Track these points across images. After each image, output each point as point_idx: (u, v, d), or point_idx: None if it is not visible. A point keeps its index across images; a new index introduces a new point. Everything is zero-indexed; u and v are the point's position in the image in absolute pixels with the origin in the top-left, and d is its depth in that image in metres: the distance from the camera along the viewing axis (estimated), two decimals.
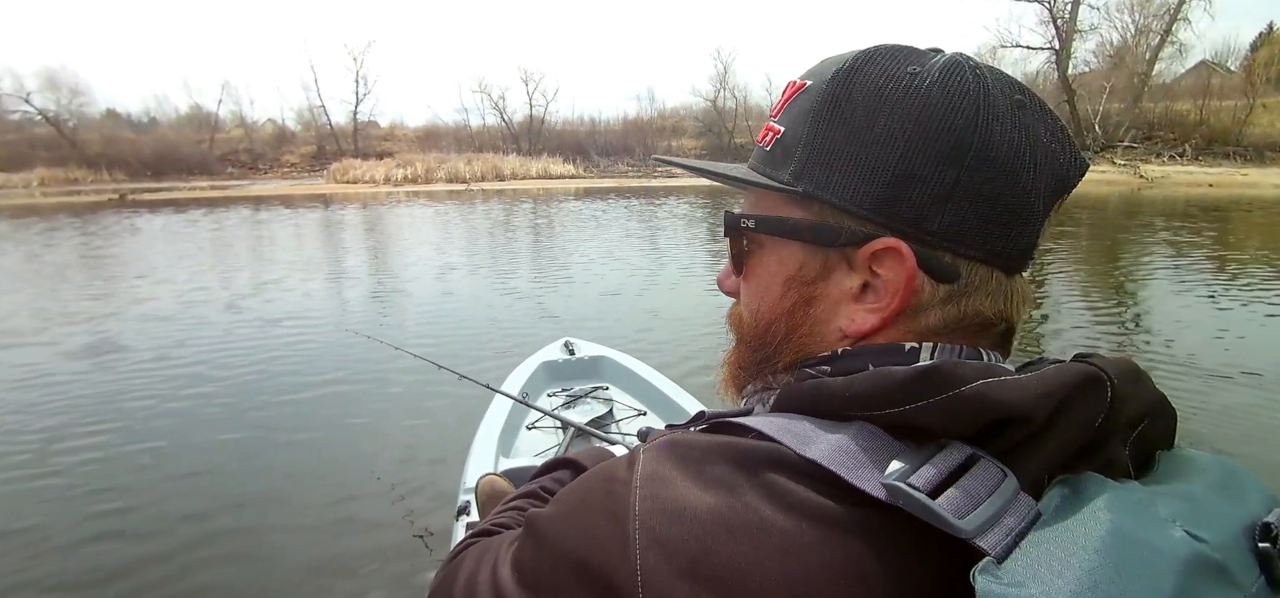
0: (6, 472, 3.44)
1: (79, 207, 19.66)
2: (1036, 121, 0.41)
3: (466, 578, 0.44)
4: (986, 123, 0.39)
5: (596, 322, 6.16)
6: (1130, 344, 5.48)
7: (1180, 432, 0.43)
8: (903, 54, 0.42)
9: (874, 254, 0.41)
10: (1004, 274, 0.42)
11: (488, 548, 0.45)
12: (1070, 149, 0.42)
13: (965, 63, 0.41)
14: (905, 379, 0.35)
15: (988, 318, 0.42)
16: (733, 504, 0.33)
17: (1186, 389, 4.22)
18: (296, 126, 40.33)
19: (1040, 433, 0.34)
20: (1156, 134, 27.96)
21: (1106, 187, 21.72)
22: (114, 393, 4.51)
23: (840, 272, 0.43)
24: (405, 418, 3.98)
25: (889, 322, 0.42)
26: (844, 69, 0.42)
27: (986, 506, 0.31)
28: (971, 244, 0.41)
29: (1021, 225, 0.41)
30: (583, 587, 0.35)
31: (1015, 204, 0.40)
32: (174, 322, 6.27)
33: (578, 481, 0.41)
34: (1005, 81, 0.41)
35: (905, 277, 0.40)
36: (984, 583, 0.29)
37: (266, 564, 2.67)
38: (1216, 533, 0.32)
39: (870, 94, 0.41)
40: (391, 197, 22.31)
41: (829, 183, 0.42)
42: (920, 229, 0.40)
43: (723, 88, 37.29)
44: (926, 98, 0.39)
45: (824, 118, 0.42)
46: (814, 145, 0.42)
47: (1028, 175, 0.40)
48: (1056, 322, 6.08)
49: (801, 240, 0.44)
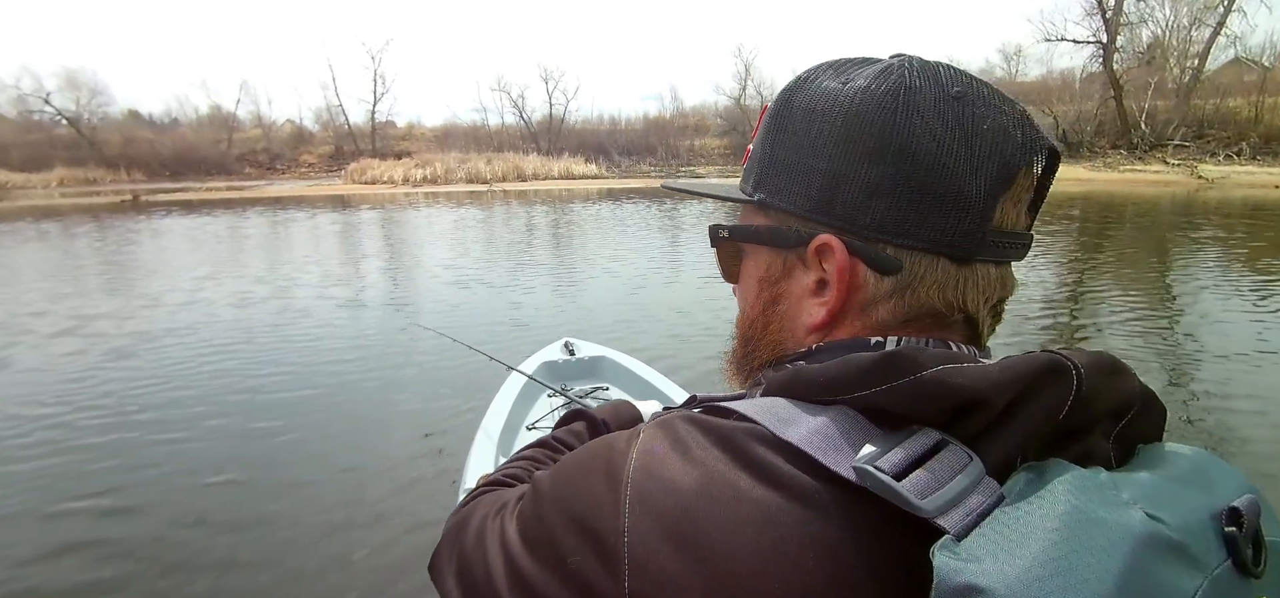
0: (73, 453, 3.73)
1: (89, 209, 19.36)
2: (974, 111, 0.42)
3: (479, 525, 0.48)
4: (907, 118, 0.41)
5: (635, 326, 5.99)
6: (1171, 349, 5.25)
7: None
8: (844, 65, 0.46)
9: (817, 251, 0.45)
10: (952, 262, 0.44)
11: (498, 500, 0.49)
12: (1020, 135, 0.43)
13: (897, 65, 0.44)
14: (871, 364, 0.38)
15: (938, 309, 0.44)
16: (714, 478, 0.36)
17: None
18: (314, 127, 40.05)
19: (1003, 419, 0.36)
20: (1208, 132, 26.46)
21: (1162, 187, 20.43)
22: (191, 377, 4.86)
23: (798, 270, 0.47)
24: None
25: (836, 312, 0.45)
26: (789, 85, 0.48)
27: (950, 487, 0.33)
28: (908, 235, 0.43)
29: (957, 212, 0.42)
30: (577, 540, 0.38)
31: (946, 193, 0.42)
32: (174, 323, 6.09)
33: (583, 447, 0.45)
34: (947, 76, 0.43)
35: (838, 268, 0.44)
36: (941, 559, 0.30)
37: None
38: (1178, 516, 0.33)
39: (806, 106, 0.45)
40: (409, 199, 21.72)
41: (778, 190, 0.47)
42: (854, 224, 0.43)
43: (747, 84, 36.26)
44: (851, 102, 0.43)
45: (772, 132, 0.48)
46: (766, 158, 0.48)
47: (957, 164, 0.41)
48: (1096, 322, 5.98)
49: (764, 244, 0.49)
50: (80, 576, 2.65)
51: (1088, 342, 5.45)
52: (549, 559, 0.40)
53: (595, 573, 0.37)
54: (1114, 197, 18.14)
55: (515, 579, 0.41)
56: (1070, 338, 5.67)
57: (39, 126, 34.16)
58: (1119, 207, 15.85)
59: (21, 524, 3.02)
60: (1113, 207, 15.89)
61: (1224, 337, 5.39)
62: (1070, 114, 28.76)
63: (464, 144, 35.33)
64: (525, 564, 0.41)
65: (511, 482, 0.57)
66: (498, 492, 0.52)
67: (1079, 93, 29.55)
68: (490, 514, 0.47)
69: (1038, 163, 0.44)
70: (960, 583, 0.29)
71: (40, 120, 34.36)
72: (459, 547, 0.49)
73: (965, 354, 0.43)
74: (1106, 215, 14.39)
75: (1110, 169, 24.89)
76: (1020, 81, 35.00)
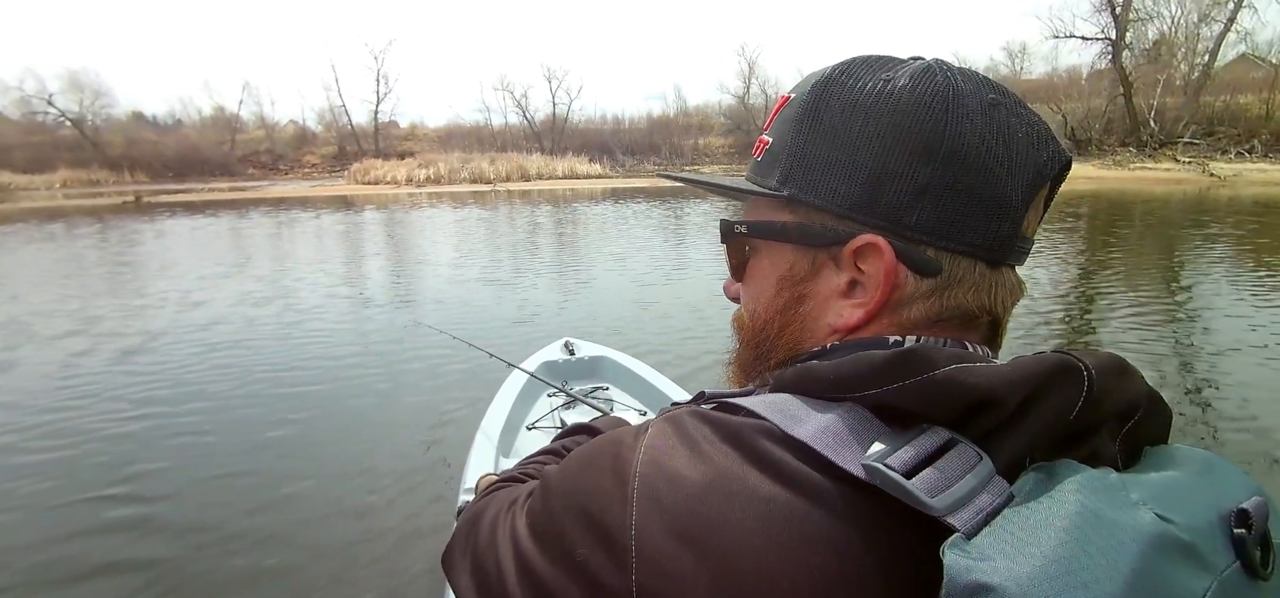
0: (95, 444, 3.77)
1: (92, 210, 19.25)
2: (1011, 118, 0.43)
3: (491, 519, 0.48)
4: (957, 121, 0.41)
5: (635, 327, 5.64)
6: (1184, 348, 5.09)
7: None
8: (878, 63, 0.45)
9: (856, 251, 0.44)
10: (987, 266, 0.44)
11: (510, 496, 0.49)
12: (1049, 144, 0.44)
13: (938, 67, 0.43)
14: (884, 362, 0.37)
15: (971, 310, 0.44)
16: (722, 473, 0.36)
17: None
18: (317, 127, 40.01)
19: (1015, 418, 0.36)
20: (1218, 129, 26.16)
21: (1173, 185, 20.17)
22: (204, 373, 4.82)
23: (828, 270, 0.46)
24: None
25: (873, 314, 0.44)
26: (822, 79, 0.46)
27: (959, 486, 0.33)
28: (950, 237, 0.42)
29: (998, 217, 0.42)
30: (586, 535, 0.38)
31: (990, 196, 0.42)
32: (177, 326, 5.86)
33: (590, 443, 0.44)
34: (979, 82, 0.43)
35: (885, 270, 0.43)
36: (952, 557, 0.30)
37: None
38: (1187, 517, 0.32)
39: (847, 101, 0.44)
40: (413, 199, 21.58)
41: (812, 186, 0.45)
42: (898, 224, 0.42)
43: (751, 82, 36.05)
44: (898, 101, 0.42)
45: (805, 126, 0.45)
46: (797, 152, 0.46)
47: (1001, 168, 0.42)
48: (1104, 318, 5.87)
49: (790, 242, 0.47)
50: (101, 559, 2.73)
51: (1097, 340, 5.36)
52: (557, 554, 0.39)
53: (603, 567, 0.36)
54: (1124, 195, 17.92)
55: (525, 573, 0.41)
56: (1074, 338, 5.56)
57: (42, 128, 34.14)
58: (1129, 204, 15.62)
59: (21, 523, 3.06)
60: (1123, 205, 15.68)
61: (1233, 334, 5.25)
62: (1078, 111, 28.48)
63: (467, 144, 35.21)
64: (534, 558, 0.40)
65: (524, 478, 0.56)
66: (510, 488, 0.52)
67: (1087, 90, 29.24)
68: (502, 510, 0.47)
69: (1054, 169, 0.44)
70: (971, 581, 0.29)
71: (44, 122, 34.33)
72: (472, 542, 0.48)
73: (978, 354, 0.43)
74: (1116, 213, 14.18)
75: (1120, 167, 24.63)
76: (1025, 80, 34.75)
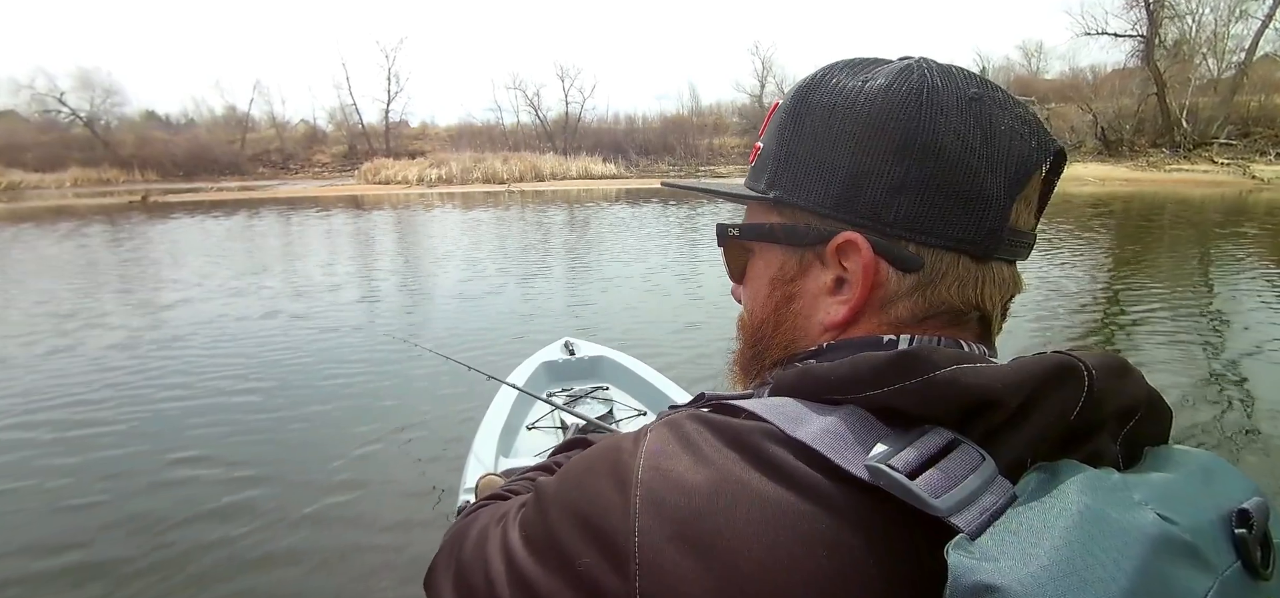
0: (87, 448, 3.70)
1: (102, 208, 18.97)
2: (994, 111, 0.43)
3: (478, 534, 0.46)
4: (931, 117, 0.42)
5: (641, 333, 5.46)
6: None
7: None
8: (860, 64, 0.46)
9: (838, 248, 0.44)
10: (973, 260, 0.44)
11: (498, 510, 0.48)
12: (1036, 135, 0.44)
13: (917, 65, 0.44)
14: (884, 363, 0.38)
15: (956, 306, 0.44)
16: (725, 477, 0.36)
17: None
18: (328, 126, 39.65)
19: (1016, 418, 0.36)
20: (1254, 130, 25.22)
21: (1211, 188, 19.34)
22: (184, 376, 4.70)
23: (815, 269, 0.47)
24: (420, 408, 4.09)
25: (858, 309, 0.45)
26: (805, 83, 0.47)
27: (963, 486, 0.33)
28: (930, 231, 0.43)
29: (980, 210, 0.43)
30: (585, 543, 0.37)
31: (969, 191, 0.42)
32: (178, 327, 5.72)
33: (586, 451, 0.43)
34: (960, 78, 0.44)
35: (864, 266, 0.43)
36: (956, 557, 0.30)
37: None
38: (1189, 517, 0.33)
39: (826, 103, 0.45)
40: (424, 199, 21.12)
41: (795, 187, 0.46)
42: (878, 221, 0.43)
43: (766, 80, 35.38)
44: (873, 100, 0.43)
45: (789, 130, 0.47)
46: (783, 155, 0.47)
47: (979, 162, 0.42)
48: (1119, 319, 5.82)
49: (778, 242, 0.48)
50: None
51: (1105, 342, 5.29)
52: (555, 562, 0.39)
53: (604, 575, 0.36)
54: (1166, 196, 17.16)
55: (519, 584, 0.40)
56: (1081, 339, 5.48)
57: (54, 127, 34.02)
58: (1188, 208, 14.88)
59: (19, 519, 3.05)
60: (1155, 207, 14.95)
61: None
62: (1108, 111, 27.59)
63: (479, 143, 34.72)
64: (529, 569, 0.39)
65: (510, 495, 0.55)
66: (496, 505, 0.50)
67: (1117, 89, 28.28)
68: (491, 523, 0.46)
69: (1046, 163, 0.44)
70: (976, 581, 0.29)
71: (56, 121, 34.23)
72: (457, 557, 0.47)
73: (977, 354, 0.43)
74: (1179, 216, 13.49)
75: (1155, 168, 23.80)
76: (1046, 79, 33.84)
